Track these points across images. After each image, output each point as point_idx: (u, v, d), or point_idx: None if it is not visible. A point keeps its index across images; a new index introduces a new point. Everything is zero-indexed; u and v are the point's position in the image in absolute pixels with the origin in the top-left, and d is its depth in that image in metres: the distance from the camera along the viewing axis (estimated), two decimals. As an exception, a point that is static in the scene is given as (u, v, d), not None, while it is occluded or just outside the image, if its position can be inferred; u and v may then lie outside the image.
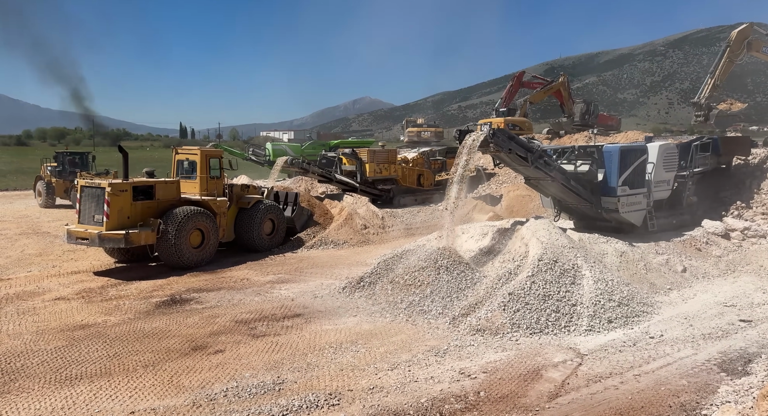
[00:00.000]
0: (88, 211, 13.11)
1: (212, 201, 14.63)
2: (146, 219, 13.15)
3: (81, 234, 12.83)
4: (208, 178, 15.02)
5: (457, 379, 7.09)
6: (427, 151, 26.69)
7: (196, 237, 13.78)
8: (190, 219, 13.46)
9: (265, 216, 15.87)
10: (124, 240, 12.50)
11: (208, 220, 14.03)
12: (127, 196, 12.98)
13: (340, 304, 10.54)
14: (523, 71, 33.15)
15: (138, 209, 13.15)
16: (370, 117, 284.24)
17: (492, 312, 8.96)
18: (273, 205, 16.33)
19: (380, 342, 8.48)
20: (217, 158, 15.43)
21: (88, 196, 13.15)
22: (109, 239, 12.57)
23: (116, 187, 12.79)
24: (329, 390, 6.80)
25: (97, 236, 12.49)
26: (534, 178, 12.47)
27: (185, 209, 13.57)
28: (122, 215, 12.86)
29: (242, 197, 15.92)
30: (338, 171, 21.98)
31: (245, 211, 15.64)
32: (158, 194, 13.57)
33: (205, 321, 9.53)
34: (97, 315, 9.93)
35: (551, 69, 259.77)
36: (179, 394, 6.73)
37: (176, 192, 14.05)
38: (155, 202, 13.49)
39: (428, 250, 10.93)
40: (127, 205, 12.94)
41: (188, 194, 14.67)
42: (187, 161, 15.39)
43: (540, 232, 10.81)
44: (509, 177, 23.57)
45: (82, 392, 6.75)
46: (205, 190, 14.90)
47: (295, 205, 17.69)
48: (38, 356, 7.90)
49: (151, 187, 13.56)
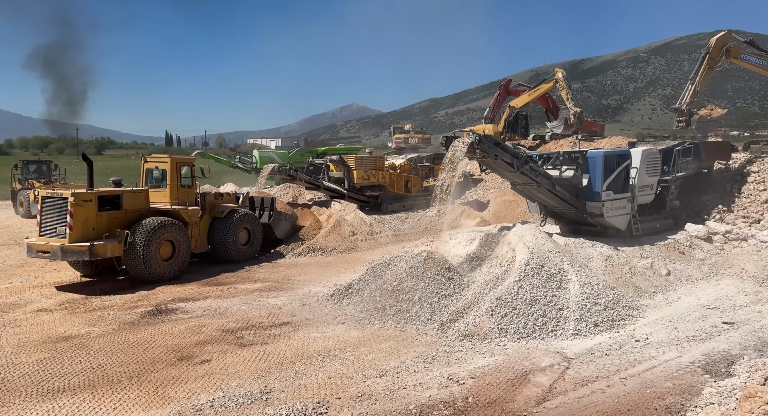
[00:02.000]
0: (50, 223, 12.42)
1: (183, 210, 14.11)
2: (113, 230, 12.55)
3: (42, 248, 12.17)
4: (179, 187, 14.43)
5: (446, 385, 7.08)
6: (415, 158, 26.78)
7: (166, 248, 13.20)
8: (159, 230, 12.89)
9: (240, 225, 15.41)
10: (88, 253, 11.89)
11: (179, 231, 13.48)
12: (92, 206, 12.38)
13: (329, 312, 10.49)
14: (510, 79, 33.48)
15: (104, 220, 12.55)
16: (358, 123, 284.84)
17: (480, 318, 8.98)
18: (248, 214, 15.83)
19: (369, 349, 8.45)
20: (189, 166, 14.89)
21: (50, 207, 12.47)
22: (73, 252, 11.92)
23: (79, 197, 12.17)
24: (317, 398, 6.75)
25: (59, 249, 11.85)
26: (520, 184, 12.59)
27: (154, 219, 13.00)
28: (87, 226, 12.24)
29: (215, 206, 15.45)
30: (326, 178, 21.95)
31: (219, 221, 15.17)
32: (125, 204, 12.99)
33: (191, 331, 9.41)
34: (81, 326, 9.76)
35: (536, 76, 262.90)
36: (165, 405, 6.63)
37: (145, 201, 13.48)
38: (122, 213, 12.91)
39: (416, 256, 10.94)
40: (91, 215, 12.33)
41: (158, 204, 14.10)
42: (157, 169, 14.76)
43: (526, 237, 10.90)
44: (496, 182, 23.73)
45: (65, 405, 6.62)
46: (175, 199, 14.30)
47: (271, 211, 17.19)
48: (19, 369, 7.73)
49: (117, 196, 12.97)
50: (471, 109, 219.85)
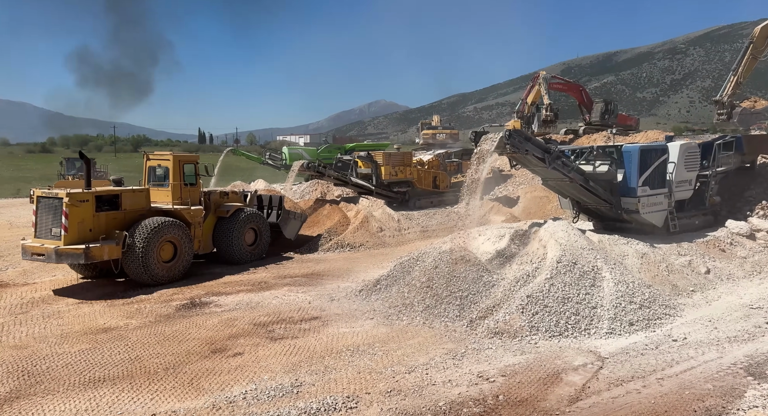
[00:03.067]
0: (45, 224, 11.88)
1: (186, 210, 13.48)
2: (111, 231, 12.01)
3: (37, 250, 11.64)
4: (181, 186, 13.79)
5: (476, 383, 7.02)
6: (443, 153, 26.62)
7: (167, 250, 12.62)
8: (159, 230, 12.32)
9: (246, 225, 14.73)
10: (83, 256, 11.31)
11: (181, 232, 12.88)
12: (89, 206, 11.83)
13: (357, 307, 10.55)
14: (542, 71, 32.85)
15: (102, 221, 12.00)
16: (386, 120, 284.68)
17: (510, 315, 8.87)
18: (255, 214, 15.20)
19: (397, 345, 8.46)
20: (192, 164, 14.25)
21: (45, 208, 11.91)
22: (67, 255, 11.36)
23: (75, 197, 11.64)
24: (347, 393, 6.80)
25: (54, 251, 11.31)
26: (552, 179, 12.34)
27: (154, 220, 12.45)
28: (83, 228, 11.69)
29: (221, 205, 14.75)
30: (354, 174, 22.04)
31: (224, 221, 14.51)
32: (125, 204, 12.44)
33: (224, 324, 9.62)
34: (119, 318, 10.11)
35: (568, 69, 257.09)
36: (199, 397, 6.80)
37: (145, 201, 12.95)
38: (121, 213, 12.37)
39: (445, 253, 10.87)
40: (88, 216, 11.79)
41: (160, 203, 13.55)
42: (160, 167, 14.09)
43: (558, 234, 10.68)
44: (526, 178, 23.35)
45: (105, 394, 6.87)
46: (178, 199, 13.64)
47: (279, 210, 16.60)
48: (63, 358, 8.06)
49: (116, 196, 12.41)
50: (500, 104, 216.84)
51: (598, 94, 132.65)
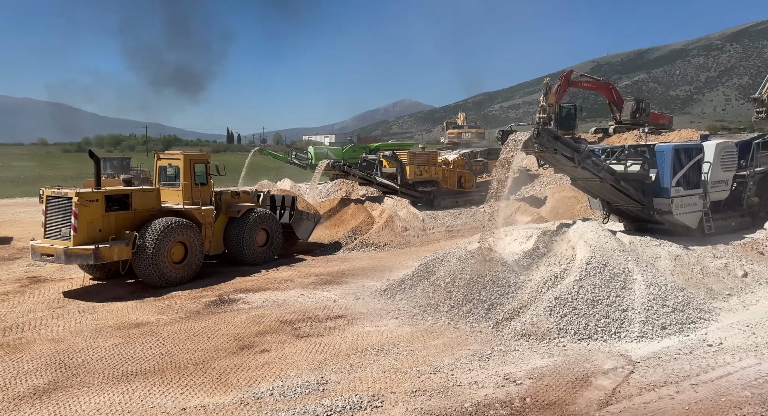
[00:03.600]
0: (55, 224, 11.73)
1: (196, 210, 13.24)
2: (121, 232, 11.83)
3: (46, 251, 11.52)
4: (192, 185, 13.56)
5: (502, 385, 6.95)
6: (468, 153, 26.43)
7: (177, 251, 12.41)
8: (170, 231, 12.10)
9: (258, 225, 14.44)
10: (93, 257, 11.16)
11: (192, 232, 12.67)
12: (99, 206, 11.66)
13: (382, 306, 10.56)
14: (571, 70, 32.25)
15: (111, 221, 11.84)
16: (410, 119, 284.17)
17: (537, 317, 8.73)
18: (267, 214, 14.88)
19: (422, 345, 8.43)
20: (203, 163, 14.02)
21: (55, 208, 11.75)
22: (77, 255, 11.20)
23: (85, 197, 11.48)
24: (372, 391, 6.81)
25: (63, 252, 11.16)
26: (581, 179, 12.09)
27: (165, 220, 12.25)
28: (93, 228, 11.53)
29: (231, 206, 14.50)
30: (378, 173, 22.09)
31: (235, 221, 14.24)
32: (135, 204, 12.26)
33: (252, 321, 9.77)
34: (151, 314, 10.37)
35: (598, 66, 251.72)
36: (228, 392, 6.92)
37: (156, 201, 12.76)
38: (132, 213, 12.19)
39: (470, 253, 10.78)
40: (98, 216, 11.62)
41: (170, 203, 13.35)
42: (170, 167, 13.87)
43: (588, 235, 10.47)
44: (554, 178, 22.98)
45: (137, 388, 7.05)
46: (188, 199, 13.42)
47: (292, 210, 16.31)
48: (97, 352, 8.32)
49: (126, 196, 12.23)
50: (527, 103, 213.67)
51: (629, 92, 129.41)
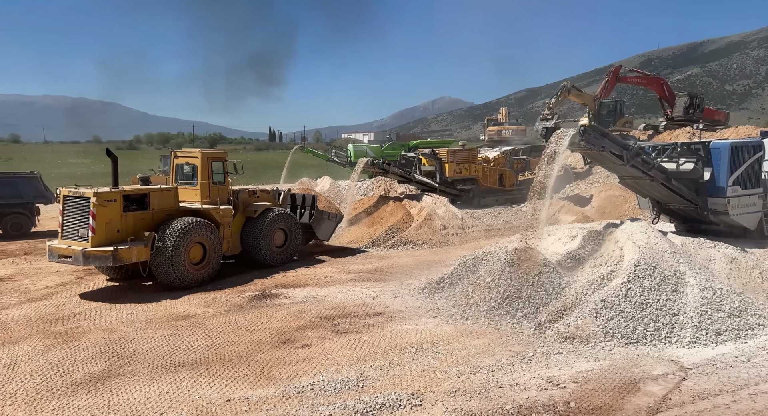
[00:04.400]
0: (72, 225, 11.42)
1: (215, 210, 12.89)
2: (139, 232, 11.54)
3: (64, 252, 11.20)
4: (210, 184, 13.19)
5: (545, 388, 6.78)
6: (510, 150, 25.91)
7: (196, 251, 12.08)
8: (189, 231, 11.76)
9: (275, 226, 13.99)
10: (112, 258, 10.87)
11: (211, 232, 12.32)
12: (117, 206, 11.34)
13: (420, 305, 10.52)
14: (620, 65, 31.08)
15: (129, 221, 11.54)
16: (450, 116, 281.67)
17: (582, 320, 8.47)
18: (285, 214, 14.41)
19: (462, 345, 8.34)
20: (221, 161, 13.63)
21: (72, 208, 11.43)
22: (95, 257, 10.91)
23: (103, 197, 11.17)
24: (411, 390, 6.79)
25: (81, 254, 10.86)
26: (630, 178, 11.63)
27: (184, 220, 11.90)
28: (111, 229, 11.25)
29: (249, 205, 14.08)
30: (417, 171, 21.97)
31: (252, 221, 13.82)
32: (153, 204, 11.95)
33: (293, 316, 9.94)
34: (197, 306, 10.72)
35: (648, 61, 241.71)
36: (270, 385, 7.06)
37: (174, 201, 12.43)
38: (150, 213, 11.88)
39: (511, 252, 10.57)
40: (116, 216, 11.31)
41: (188, 202, 13.01)
42: (187, 165, 13.50)
43: (637, 235, 10.06)
44: (601, 176, 22.26)
45: (184, 378, 7.30)
46: (206, 198, 13.04)
47: (312, 210, 15.86)
48: (147, 343, 8.67)
49: (144, 195, 11.90)
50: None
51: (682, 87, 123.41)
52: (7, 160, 56.58)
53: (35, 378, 7.29)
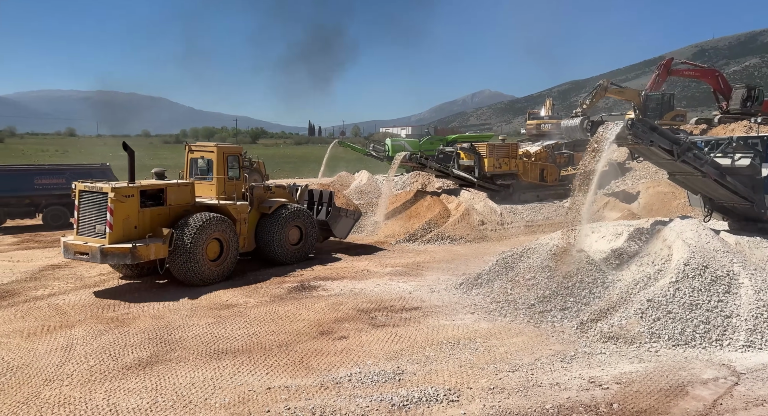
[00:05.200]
0: (88, 221, 11.12)
1: (231, 206, 12.56)
2: (156, 228, 11.27)
3: (80, 248, 10.88)
4: (226, 179, 12.95)
5: (587, 388, 6.61)
6: (552, 145, 25.25)
7: (213, 248, 11.84)
8: (207, 227, 11.52)
9: (290, 222, 13.64)
10: (130, 256, 10.64)
11: (228, 228, 12.07)
12: (134, 202, 11.07)
13: (457, 300, 10.45)
14: (671, 58, 29.62)
15: (146, 217, 11.25)
16: (489, 110, 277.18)
17: (627, 320, 8.19)
18: (300, 210, 14.02)
19: (500, 342, 8.24)
20: (236, 156, 13.37)
21: (88, 203, 11.14)
22: (113, 254, 10.66)
23: (120, 192, 10.88)
24: (448, 385, 6.76)
25: (99, 251, 10.57)
26: (680, 173, 11.13)
27: (202, 216, 11.62)
28: (128, 225, 10.97)
29: (264, 201, 13.71)
30: (456, 166, 21.75)
31: (267, 218, 13.47)
32: (170, 199, 11.68)
33: (331, 308, 10.07)
34: (239, 296, 11.02)
35: (701, 51, 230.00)
36: (309, 375, 7.19)
37: (190, 196, 12.18)
38: (166, 209, 11.61)
39: (553, 249, 10.34)
40: (133, 212, 11.05)
41: (203, 198, 12.77)
42: (202, 159, 13.27)
43: (687, 234, 9.63)
44: (648, 172, 21.41)
45: (227, 366, 7.52)
46: (222, 193, 12.83)
47: (329, 207, 15.49)
48: (192, 330, 8.98)
49: (161, 190, 11.63)
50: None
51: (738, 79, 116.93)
52: (63, 153, 59.75)
53: (89, 361, 7.69)
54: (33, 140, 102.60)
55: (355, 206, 17.61)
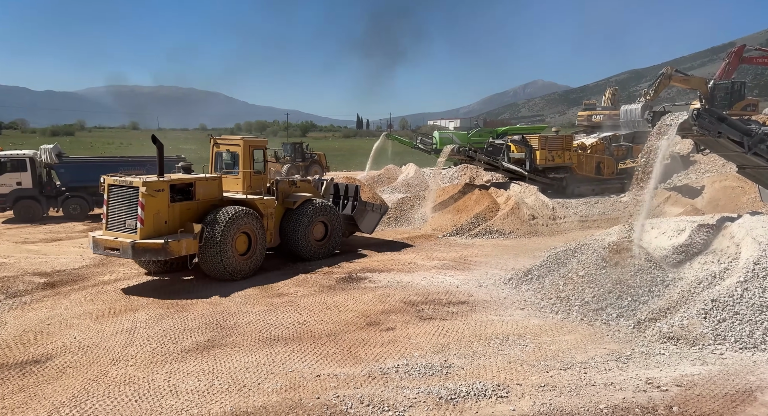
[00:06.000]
0: (118, 216, 10.92)
1: (259, 200, 12.39)
2: (184, 223, 11.12)
3: (110, 244, 10.67)
4: (252, 173, 12.80)
5: (644, 389, 6.34)
6: (609, 136, 24.22)
7: (242, 242, 11.66)
8: (235, 221, 11.32)
9: (315, 218, 13.33)
10: (163, 251, 10.49)
11: (256, 223, 11.90)
12: (164, 196, 10.89)
13: (506, 295, 10.27)
14: (744, 44, 27.61)
15: (176, 212, 11.08)
16: (542, 101, 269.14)
17: (689, 320, 7.77)
18: (325, 206, 13.68)
19: (551, 340, 8.03)
20: (261, 149, 13.15)
21: (118, 197, 10.93)
22: (145, 250, 10.48)
23: (152, 186, 10.70)
24: (497, 381, 6.68)
25: (131, 246, 10.38)
26: (751, 167, 10.42)
27: (231, 209, 11.46)
28: (158, 220, 10.80)
29: (288, 196, 13.45)
30: (506, 158, 21.29)
31: (291, 213, 13.21)
32: (198, 193, 11.52)
33: (378, 300, 10.16)
34: (290, 286, 11.32)
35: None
36: (357, 365, 7.30)
37: (218, 190, 12.02)
38: (195, 203, 11.45)
39: (609, 246, 9.94)
40: (164, 207, 10.87)
41: (229, 192, 12.60)
42: (228, 153, 13.07)
43: (757, 231, 9.00)
44: (715, 165, 20.16)
45: (279, 352, 7.76)
46: (248, 187, 12.67)
47: (355, 201, 15.11)
48: (246, 317, 9.31)
49: (190, 184, 11.46)
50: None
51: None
52: (127, 146, 63.23)
53: (151, 344, 8.14)
54: (100, 133, 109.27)
55: (381, 200, 17.22)
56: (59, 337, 8.38)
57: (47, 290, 10.95)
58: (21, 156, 19.48)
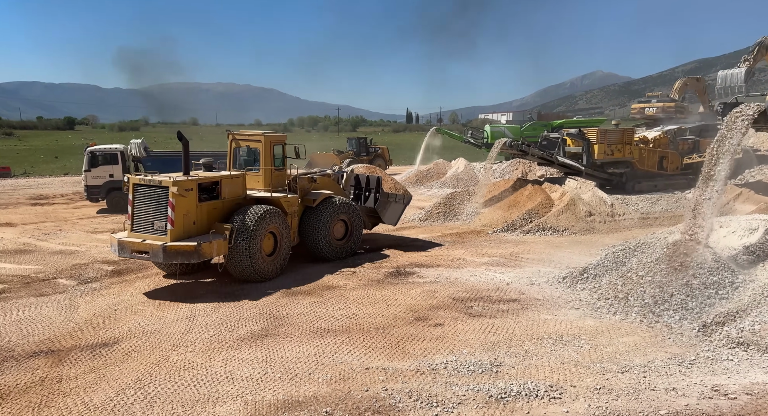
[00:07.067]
0: (145, 217, 10.38)
1: (284, 198, 11.91)
2: (212, 223, 10.69)
3: (138, 247, 10.11)
4: (272, 170, 12.29)
5: (709, 396, 5.98)
6: (674, 130, 22.91)
7: (268, 242, 11.27)
8: (263, 220, 10.90)
9: (336, 216, 12.83)
10: (196, 254, 10.00)
11: (281, 222, 11.46)
12: (193, 196, 10.42)
13: (560, 294, 9.96)
14: None
15: (204, 212, 10.62)
16: (601, 93, 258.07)
17: (761, 325, 7.25)
18: (346, 203, 13.15)
19: (608, 341, 7.73)
20: (281, 145, 12.61)
21: (144, 198, 10.39)
22: (177, 252, 9.95)
23: (182, 186, 10.21)
24: (549, 381, 6.50)
25: (162, 249, 9.87)
26: (837, 161, 9.53)
27: (258, 209, 10.99)
28: (188, 220, 10.30)
29: (308, 193, 12.90)
30: (561, 153, 20.60)
31: (311, 211, 12.68)
32: (224, 192, 11.08)
33: (426, 295, 10.13)
34: (340, 279, 11.49)
35: None
36: (405, 359, 7.33)
37: (242, 189, 11.58)
38: (220, 202, 11.01)
39: (673, 245, 9.42)
40: (192, 207, 10.40)
41: (251, 190, 12.10)
42: (247, 149, 12.51)
43: (844, 231, 8.25)
44: (792, 159, 18.62)
45: (329, 344, 7.91)
46: (269, 185, 12.13)
47: (377, 193, 14.65)
48: (298, 308, 9.54)
49: (216, 183, 10.99)
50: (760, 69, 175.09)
51: None
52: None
53: (209, 331, 8.51)
54: (163, 128, 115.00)
55: (404, 190, 16.62)
56: (125, 322, 8.92)
57: (114, 277, 11.68)
58: (113, 150, 20.50)
